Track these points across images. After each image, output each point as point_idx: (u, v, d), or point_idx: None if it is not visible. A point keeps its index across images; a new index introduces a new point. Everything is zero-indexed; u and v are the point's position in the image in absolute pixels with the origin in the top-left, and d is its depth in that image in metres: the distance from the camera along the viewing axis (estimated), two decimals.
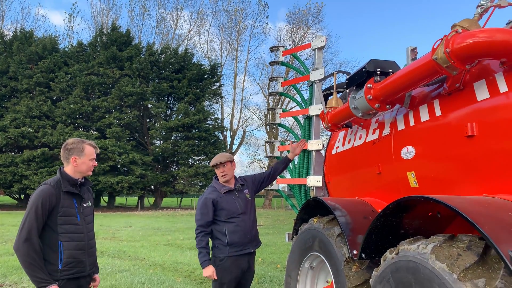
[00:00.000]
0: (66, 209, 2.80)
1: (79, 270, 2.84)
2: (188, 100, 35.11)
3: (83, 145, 2.95)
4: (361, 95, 3.18)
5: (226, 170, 3.85)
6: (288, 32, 48.33)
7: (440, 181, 2.69)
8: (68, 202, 2.83)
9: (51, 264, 2.72)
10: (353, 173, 3.97)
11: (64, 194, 2.81)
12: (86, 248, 2.90)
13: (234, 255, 3.71)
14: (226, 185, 3.89)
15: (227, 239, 3.72)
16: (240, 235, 3.75)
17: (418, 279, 1.99)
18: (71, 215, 2.82)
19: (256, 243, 3.95)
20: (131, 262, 8.76)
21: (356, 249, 2.89)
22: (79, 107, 32.05)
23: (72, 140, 3.01)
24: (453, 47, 2.21)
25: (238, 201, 3.85)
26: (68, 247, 2.77)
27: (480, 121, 2.32)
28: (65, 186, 2.83)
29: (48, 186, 2.78)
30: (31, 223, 2.66)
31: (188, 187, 33.97)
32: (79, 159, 2.91)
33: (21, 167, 29.49)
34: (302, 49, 6.36)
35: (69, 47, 36.72)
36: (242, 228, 3.77)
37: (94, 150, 3.02)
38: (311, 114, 5.07)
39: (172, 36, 45.67)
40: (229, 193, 3.85)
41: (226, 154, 3.96)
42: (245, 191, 3.98)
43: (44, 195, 2.72)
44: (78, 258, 2.82)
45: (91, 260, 2.98)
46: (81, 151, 2.92)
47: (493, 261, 1.82)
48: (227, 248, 3.71)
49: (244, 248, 3.76)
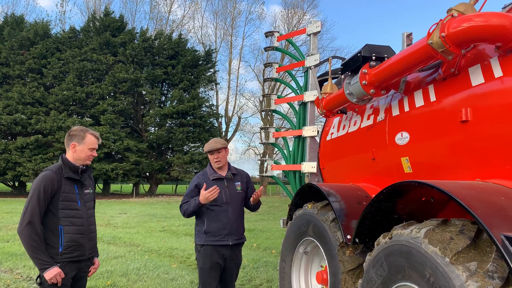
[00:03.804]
0: (67, 195, 2.89)
1: (79, 253, 2.93)
2: (183, 86, 34.88)
3: (85, 133, 3.01)
4: (356, 81, 3.17)
5: (220, 157, 3.77)
6: (283, 18, 48.06)
7: (434, 167, 2.71)
8: (69, 188, 2.92)
9: (52, 247, 2.82)
10: (348, 159, 3.99)
11: (65, 180, 2.90)
12: (86, 232, 2.98)
13: (210, 244, 3.64)
14: (217, 172, 3.81)
15: (204, 227, 3.67)
16: (219, 226, 3.65)
17: (411, 263, 2.01)
18: (72, 201, 2.91)
19: (237, 237, 3.76)
20: (126, 248, 8.80)
21: (350, 234, 2.91)
22: (72, 94, 31.75)
23: (76, 127, 3.09)
24: (448, 31, 2.20)
25: (225, 190, 3.74)
26: (69, 231, 2.86)
27: (475, 106, 2.32)
28: (67, 172, 2.91)
29: (50, 172, 2.87)
30: (34, 207, 2.75)
31: (183, 174, 33.97)
32: (78, 146, 2.97)
33: (15, 154, 29.31)
34: (297, 34, 6.31)
35: (61, 33, 36.19)
36: (221, 218, 3.67)
37: (96, 140, 3.07)
38: (306, 100, 5.06)
39: (166, 21, 45.14)
40: (218, 181, 3.76)
41: (220, 140, 3.86)
42: (236, 182, 3.85)
43: (46, 180, 2.81)
44: (78, 242, 2.91)
45: (91, 244, 3.06)
46: (82, 138, 2.98)
47: (485, 245, 1.84)
48: (204, 236, 3.67)
49: (222, 239, 3.65)
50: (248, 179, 4.00)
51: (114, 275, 6.15)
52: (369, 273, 2.39)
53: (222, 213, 3.67)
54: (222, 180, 3.78)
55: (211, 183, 3.71)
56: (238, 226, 3.77)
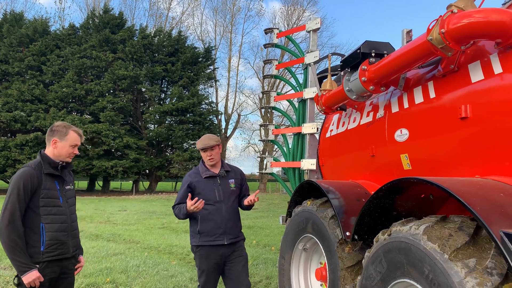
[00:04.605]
0: (48, 191, 2.78)
1: (62, 251, 2.83)
2: (182, 83, 34.84)
3: (68, 130, 2.90)
4: (355, 77, 3.16)
5: (214, 154, 3.63)
6: (283, 15, 47.89)
7: (433, 163, 2.70)
8: (50, 184, 2.81)
9: (33, 246, 2.70)
10: (347, 156, 3.98)
11: (45, 176, 2.79)
12: (69, 230, 2.88)
13: (205, 244, 3.52)
14: (210, 169, 3.68)
15: (198, 227, 3.54)
16: (212, 225, 3.52)
17: (410, 260, 2.01)
18: (53, 197, 2.81)
19: (233, 236, 3.58)
20: (126, 245, 8.81)
21: (349, 231, 2.91)
22: (72, 91, 31.70)
23: (59, 123, 2.96)
24: (448, 27, 2.19)
25: (217, 188, 3.60)
26: (50, 229, 2.75)
27: (474, 103, 2.32)
28: (46, 168, 2.80)
29: (29, 168, 2.75)
30: (14, 206, 2.63)
31: (183, 171, 33.97)
32: (59, 142, 2.87)
33: (14, 151, 29.28)
34: (296, 31, 6.29)
35: (61, 30, 36.11)
36: (215, 217, 3.52)
37: (79, 138, 2.96)
38: (306, 97, 5.05)
39: (165, 18, 45.07)
40: (210, 179, 3.63)
41: (214, 137, 3.70)
42: (230, 180, 3.70)
43: (25, 177, 2.69)
44: (60, 239, 2.81)
45: (74, 242, 2.96)
46: (64, 135, 2.88)
47: (484, 242, 1.84)
48: (198, 236, 3.54)
49: (216, 239, 3.51)
50: (242, 176, 3.85)
51: (114, 272, 6.16)
52: (368, 270, 2.39)
53: (215, 212, 3.54)
54: (215, 177, 3.65)
55: (203, 181, 3.61)
56: (233, 224, 3.62)
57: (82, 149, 31.30)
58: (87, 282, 5.54)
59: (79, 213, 15.99)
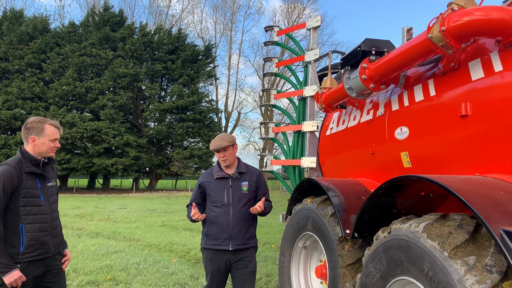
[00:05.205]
0: (28, 190, 2.68)
1: (42, 251, 2.75)
2: (182, 81, 34.84)
3: (43, 125, 2.77)
4: (355, 75, 3.16)
5: (227, 155, 3.42)
6: (283, 13, 47.79)
7: (433, 161, 2.71)
8: (31, 182, 2.70)
9: (13, 246, 2.63)
10: (347, 153, 3.98)
11: (26, 174, 2.68)
12: (50, 229, 2.80)
13: (210, 248, 3.38)
14: (224, 170, 3.49)
15: (205, 229, 3.44)
16: (217, 228, 3.34)
17: (410, 257, 2.01)
18: (34, 196, 2.71)
19: (239, 243, 3.34)
20: (126, 243, 8.82)
21: (349, 229, 2.91)
22: (72, 89, 31.71)
23: (32, 119, 2.83)
24: (448, 25, 2.19)
25: (228, 190, 3.40)
26: (30, 230, 2.67)
27: (475, 101, 2.32)
28: (27, 167, 2.69)
29: (8, 167, 2.63)
30: None
31: (183, 169, 34.04)
32: (38, 139, 2.75)
33: (14, 149, 29.29)
34: (297, 29, 6.28)
35: (61, 28, 36.09)
36: (221, 221, 3.33)
37: (57, 131, 2.84)
38: (306, 95, 5.05)
39: (165, 16, 45.02)
40: (221, 180, 3.44)
41: (227, 137, 3.48)
42: (243, 182, 3.45)
43: (5, 176, 2.59)
44: (41, 240, 2.73)
45: (56, 240, 2.88)
46: (41, 131, 2.75)
47: (484, 239, 1.85)
48: (205, 238, 3.43)
49: (221, 244, 3.32)
50: (259, 179, 3.55)
51: (114, 270, 6.17)
52: (368, 268, 2.39)
53: (222, 215, 3.34)
54: (227, 179, 3.44)
55: (214, 182, 3.45)
56: (241, 230, 3.36)
57: (82, 147, 31.36)
58: (87, 280, 5.55)
59: (79, 211, 15.92)
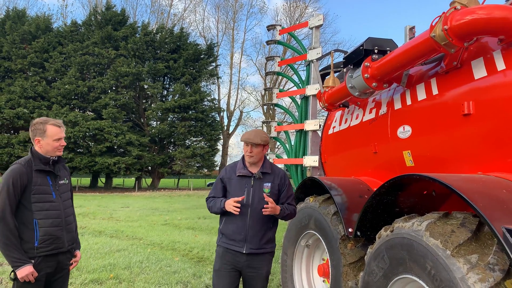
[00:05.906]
0: (39, 187, 2.79)
1: (57, 246, 2.84)
2: (184, 80, 34.85)
3: (45, 126, 2.86)
4: (358, 74, 3.16)
5: (255, 152, 3.18)
6: (285, 12, 47.74)
7: (436, 160, 2.71)
8: (42, 180, 2.82)
9: (27, 242, 2.73)
10: (349, 152, 3.99)
11: (36, 172, 2.80)
12: (63, 224, 2.90)
13: (223, 246, 3.23)
14: (248, 167, 3.26)
15: (221, 227, 3.30)
16: (233, 229, 3.17)
17: (412, 256, 2.02)
18: (45, 193, 2.82)
19: (254, 247, 3.12)
20: (129, 241, 8.84)
21: (351, 227, 2.92)
22: (74, 88, 31.77)
23: (36, 120, 2.92)
24: (451, 24, 2.19)
25: (248, 190, 3.18)
26: (44, 224, 2.77)
27: (477, 100, 2.32)
28: (37, 165, 2.81)
29: (18, 165, 2.77)
30: (4, 202, 2.67)
31: (185, 168, 34.03)
32: (42, 140, 2.85)
33: (17, 148, 29.40)
34: (299, 28, 6.28)
35: (63, 27, 36.13)
36: (238, 221, 3.15)
37: (59, 130, 2.91)
38: (308, 94, 5.05)
39: (167, 15, 45.04)
40: (243, 178, 3.23)
41: (262, 135, 3.22)
42: (266, 184, 3.21)
43: (14, 174, 2.72)
44: (54, 234, 2.82)
45: (70, 236, 2.97)
46: (43, 132, 2.84)
47: (486, 238, 1.85)
48: (221, 236, 3.29)
49: (235, 245, 3.16)
50: (284, 181, 3.30)
51: (117, 268, 6.19)
52: (370, 266, 2.40)
53: (239, 215, 3.12)
54: (249, 178, 3.22)
55: (236, 179, 3.26)
56: (257, 233, 3.15)
57: (85, 146, 31.44)
58: (90, 278, 5.58)
59: (82, 210, 15.89)
